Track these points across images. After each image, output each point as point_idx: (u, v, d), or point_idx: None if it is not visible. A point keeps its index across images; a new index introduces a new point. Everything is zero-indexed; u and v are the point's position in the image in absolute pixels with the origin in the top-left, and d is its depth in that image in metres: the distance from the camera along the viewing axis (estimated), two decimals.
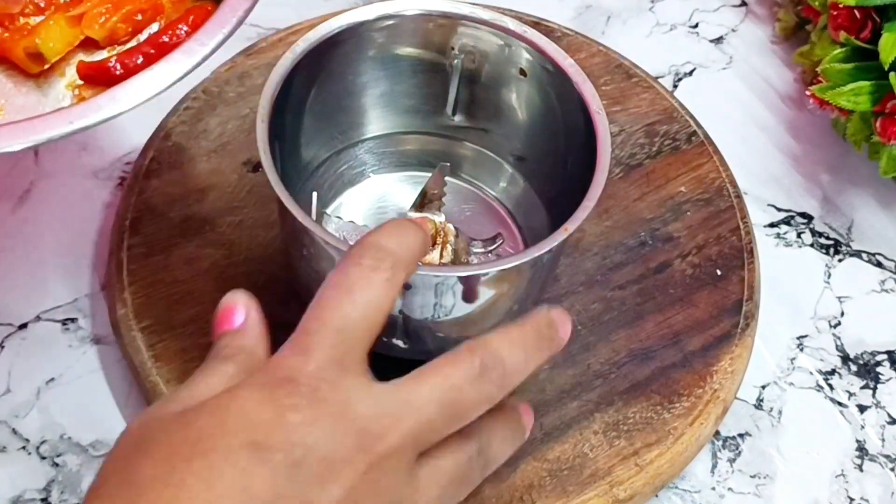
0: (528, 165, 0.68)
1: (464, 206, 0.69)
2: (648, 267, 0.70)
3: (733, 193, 0.74)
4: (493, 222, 0.68)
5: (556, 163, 0.65)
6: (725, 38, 0.89)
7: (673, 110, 0.78)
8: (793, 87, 0.85)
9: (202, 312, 0.66)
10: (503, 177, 0.70)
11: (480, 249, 0.63)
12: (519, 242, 0.68)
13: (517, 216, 0.69)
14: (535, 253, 0.54)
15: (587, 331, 0.67)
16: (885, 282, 0.75)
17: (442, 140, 0.69)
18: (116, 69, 0.50)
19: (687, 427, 0.63)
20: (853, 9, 0.73)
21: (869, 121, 0.73)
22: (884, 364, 0.71)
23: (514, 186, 0.69)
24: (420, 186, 0.66)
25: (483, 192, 0.70)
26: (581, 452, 0.62)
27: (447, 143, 0.70)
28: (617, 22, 0.89)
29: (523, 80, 0.64)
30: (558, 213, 0.59)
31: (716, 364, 0.66)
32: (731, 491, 0.65)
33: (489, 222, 0.68)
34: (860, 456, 0.67)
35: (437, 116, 0.68)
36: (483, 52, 0.64)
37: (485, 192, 0.70)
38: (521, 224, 0.69)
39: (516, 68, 0.64)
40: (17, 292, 0.69)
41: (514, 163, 0.69)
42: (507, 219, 0.69)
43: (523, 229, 0.68)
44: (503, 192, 0.70)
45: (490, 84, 0.65)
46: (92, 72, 0.50)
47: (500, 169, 0.69)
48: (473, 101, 0.67)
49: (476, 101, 0.67)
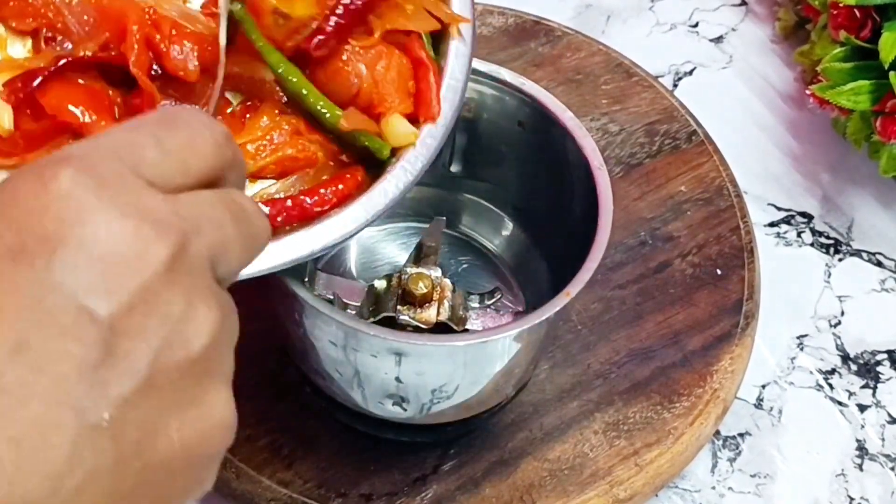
0: (526, 217, 0.66)
1: (461, 259, 0.67)
2: (648, 266, 0.70)
3: (733, 193, 0.74)
4: (491, 275, 0.67)
5: (556, 215, 0.63)
6: (725, 38, 0.89)
7: (673, 109, 0.78)
8: (793, 86, 0.85)
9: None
10: (501, 228, 0.68)
11: (477, 305, 0.62)
12: (518, 296, 0.66)
13: (515, 268, 0.67)
14: (534, 320, 0.53)
15: (587, 330, 0.67)
16: (886, 281, 0.75)
17: (439, 190, 0.67)
18: None
19: (687, 427, 0.63)
20: (853, 8, 0.72)
21: (869, 120, 0.73)
22: (884, 363, 0.71)
23: (512, 238, 0.68)
24: (416, 237, 0.64)
25: (480, 243, 0.68)
26: (581, 452, 0.62)
27: (444, 194, 0.67)
28: (617, 21, 0.89)
29: (522, 132, 0.62)
30: (558, 265, 0.58)
31: (716, 364, 0.66)
32: (731, 490, 0.65)
33: (487, 275, 0.67)
34: (860, 455, 0.67)
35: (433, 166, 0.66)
36: (480, 102, 0.62)
37: (482, 243, 0.68)
38: (519, 277, 0.67)
39: (514, 120, 0.62)
40: None
41: (513, 214, 0.67)
42: (505, 272, 0.67)
43: (522, 282, 0.67)
44: (501, 243, 0.68)
45: (488, 135, 0.64)
46: None
47: (498, 220, 0.68)
48: (471, 151, 0.65)
49: (474, 151, 0.65)
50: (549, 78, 0.78)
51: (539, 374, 0.65)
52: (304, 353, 0.58)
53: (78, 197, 0.33)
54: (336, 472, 0.61)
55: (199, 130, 0.38)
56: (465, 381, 0.56)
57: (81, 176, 0.34)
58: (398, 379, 0.54)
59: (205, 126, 0.38)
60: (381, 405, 0.57)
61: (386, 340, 0.51)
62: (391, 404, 0.57)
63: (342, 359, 0.54)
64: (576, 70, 0.80)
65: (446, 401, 0.56)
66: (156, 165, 0.36)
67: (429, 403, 0.57)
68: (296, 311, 0.55)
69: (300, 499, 0.59)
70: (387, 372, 0.54)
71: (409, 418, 0.58)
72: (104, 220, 0.33)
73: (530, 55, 0.80)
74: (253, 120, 0.51)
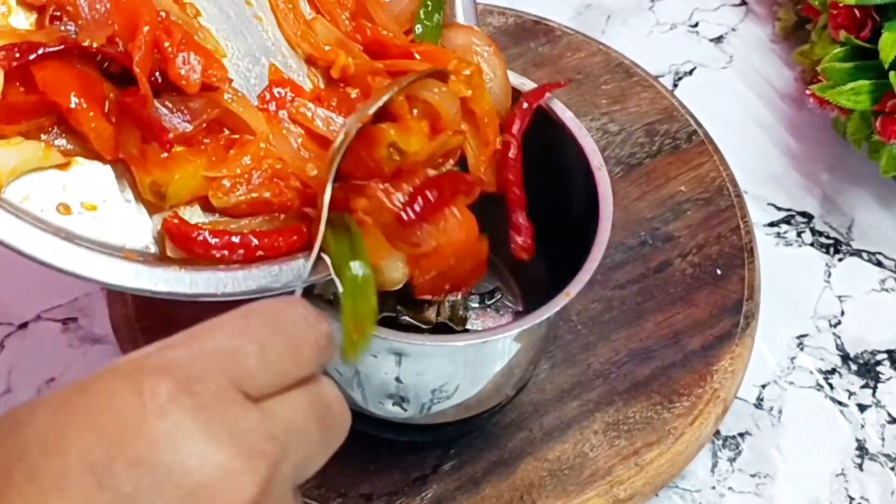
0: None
1: None
2: (648, 266, 0.70)
3: (733, 193, 0.74)
4: (491, 275, 0.66)
5: (556, 215, 0.62)
6: (725, 38, 0.89)
7: (673, 109, 0.78)
8: (793, 86, 0.85)
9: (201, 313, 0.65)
10: None
11: (477, 305, 0.61)
12: (517, 295, 0.66)
13: (515, 269, 0.67)
14: (534, 321, 0.53)
15: (587, 330, 0.67)
16: (886, 281, 0.75)
17: None
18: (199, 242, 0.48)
19: (687, 426, 0.63)
20: (853, 8, 0.72)
21: (869, 120, 0.73)
22: (884, 363, 0.71)
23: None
24: None
25: None
26: (581, 452, 0.62)
27: None
28: (617, 21, 0.89)
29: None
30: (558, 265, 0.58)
31: (716, 363, 0.66)
32: (731, 490, 0.65)
33: (487, 275, 0.66)
34: (860, 455, 0.67)
35: None
36: None
37: None
38: (519, 277, 0.67)
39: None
40: (18, 292, 0.69)
41: None
42: (505, 272, 0.67)
43: (522, 280, 0.67)
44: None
45: None
46: (176, 232, 0.48)
47: None
48: None
49: None
50: (549, 78, 0.78)
51: (539, 373, 0.65)
52: None
53: (174, 418, 0.33)
54: (336, 472, 0.61)
55: (303, 334, 0.39)
56: (465, 381, 0.56)
57: (181, 394, 0.34)
58: (398, 379, 0.54)
59: (309, 328, 0.39)
60: (381, 405, 0.57)
61: (386, 340, 0.51)
62: (391, 404, 0.57)
63: None
64: (576, 70, 0.80)
65: (446, 401, 0.56)
66: (256, 377, 0.37)
67: (429, 403, 0.57)
68: None
69: None
70: (387, 372, 0.54)
71: (409, 418, 0.58)
72: (197, 450, 0.33)
73: (530, 55, 0.81)
74: (236, 154, 0.50)
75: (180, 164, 0.49)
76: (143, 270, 0.47)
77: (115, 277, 0.46)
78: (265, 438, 0.35)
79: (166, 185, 0.48)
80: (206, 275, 0.48)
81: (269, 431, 0.36)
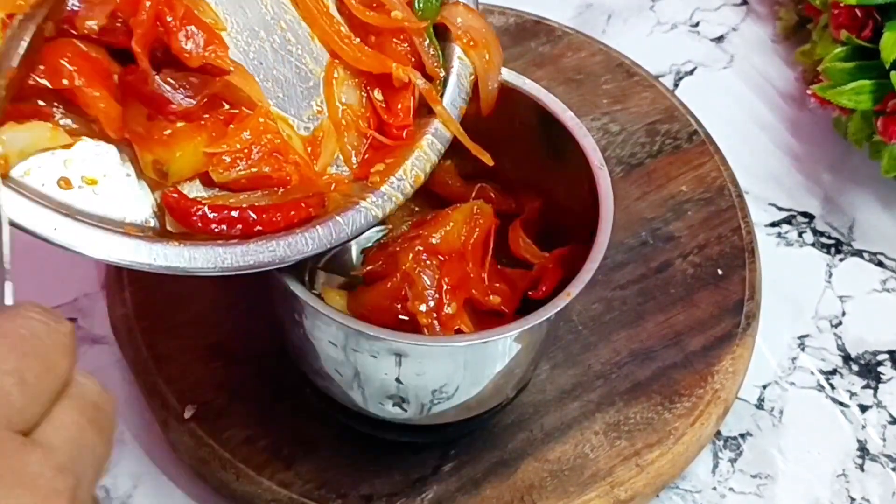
0: None
1: None
2: (649, 266, 0.70)
3: (734, 193, 0.74)
4: None
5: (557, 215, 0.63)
6: (726, 37, 0.88)
7: (674, 109, 0.78)
8: (794, 86, 0.85)
9: (202, 312, 0.66)
10: None
11: None
12: None
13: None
14: (535, 321, 0.53)
15: (588, 331, 0.67)
16: (887, 281, 0.75)
17: None
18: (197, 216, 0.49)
19: (688, 427, 0.63)
20: (854, 7, 0.72)
21: (870, 120, 0.73)
22: (885, 364, 0.71)
23: None
24: None
25: None
26: (582, 453, 0.62)
27: None
28: (618, 21, 0.89)
29: (522, 132, 0.62)
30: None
31: (717, 364, 0.66)
32: (732, 491, 0.65)
33: None
34: (861, 456, 0.67)
35: None
36: None
37: None
38: None
39: (515, 120, 0.61)
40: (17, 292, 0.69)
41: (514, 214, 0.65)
42: None
43: None
44: None
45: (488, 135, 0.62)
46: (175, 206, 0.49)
47: None
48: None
49: None
50: (549, 78, 0.78)
51: (539, 374, 0.65)
52: (304, 354, 0.58)
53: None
54: (336, 472, 0.61)
55: (51, 342, 0.38)
56: (465, 381, 0.56)
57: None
58: (398, 379, 0.54)
59: (52, 332, 0.38)
60: (381, 406, 0.57)
61: (386, 341, 0.51)
62: (391, 405, 0.57)
63: (342, 359, 0.54)
64: (576, 70, 0.80)
65: (447, 401, 0.56)
66: (24, 410, 0.36)
67: (429, 404, 0.56)
68: (296, 312, 0.54)
69: (300, 500, 0.59)
70: (387, 372, 0.54)
71: (410, 419, 0.58)
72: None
73: (531, 55, 0.80)
74: (236, 129, 0.51)
75: (182, 141, 0.49)
76: (142, 245, 0.47)
77: (114, 253, 0.47)
78: (56, 475, 0.35)
79: (168, 164, 0.49)
80: (204, 250, 0.48)
81: (58, 465, 0.35)
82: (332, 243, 0.51)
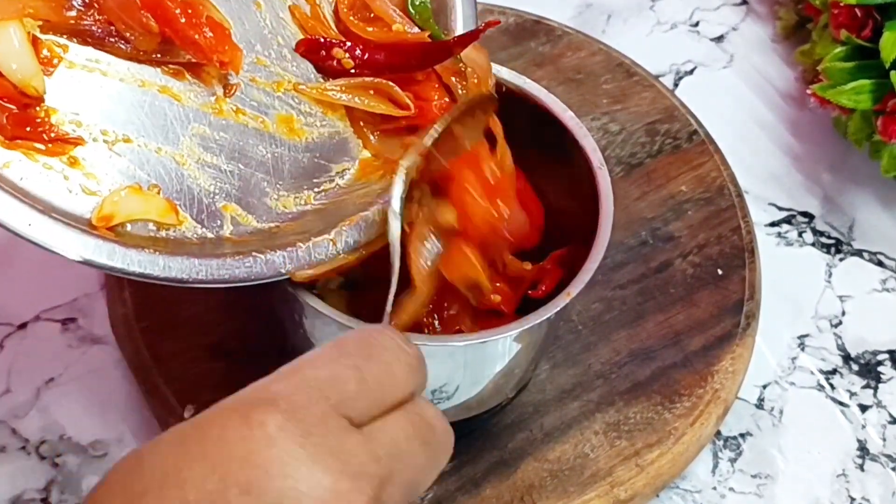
0: None
1: None
2: (649, 266, 0.70)
3: (734, 192, 0.74)
4: None
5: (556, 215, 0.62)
6: (726, 37, 0.88)
7: (674, 109, 0.78)
8: (794, 85, 0.85)
9: (202, 312, 0.66)
10: None
11: None
12: None
13: None
14: (535, 321, 0.53)
15: (588, 331, 0.67)
16: (887, 281, 0.75)
17: None
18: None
19: (688, 427, 0.63)
20: (854, 7, 0.72)
21: (870, 119, 0.73)
22: (885, 363, 0.71)
23: None
24: None
25: None
26: (582, 453, 0.62)
27: None
28: (618, 20, 0.89)
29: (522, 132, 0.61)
30: None
31: (717, 364, 0.66)
32: (732, 491, 0.65)
33: None
34: (861, 455, 0.67)
35: None
36: None
37: None
38: None
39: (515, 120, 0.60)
40: (18, 292, 0.69)
41: None
42: None
43: None
44: None
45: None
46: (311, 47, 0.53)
47: None
48: None
49: None
50: (549, 77, 0.78)
51: (539, 374, 0.65)
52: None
53: (282, 446, 0.36)
54: None
55: (396, 356, 0.41)
56: (465, 381, 0.56)
57: (288, 423, 0.36)
58: None
59: (400, 351, 0.41)
60: None
61: None
62: None
63: None
64: (576, 69, 0.80)
65: (447, 401, 0.56)
66: (357, 401, 0.39)
67: None
68: (296, 313, 0.54)
69: None
70: None
71: None
72: (306, 475, 0.35)
73: (531, 55, 0.80)
74: None
75: None
76: (117, 250, 0.47)
77: (87, 254, 0.47)
78: (370, 461, 0.37)
79: None
80: (180, 260, 0.49)
81: (373, 454, 0.38)
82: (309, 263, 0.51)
